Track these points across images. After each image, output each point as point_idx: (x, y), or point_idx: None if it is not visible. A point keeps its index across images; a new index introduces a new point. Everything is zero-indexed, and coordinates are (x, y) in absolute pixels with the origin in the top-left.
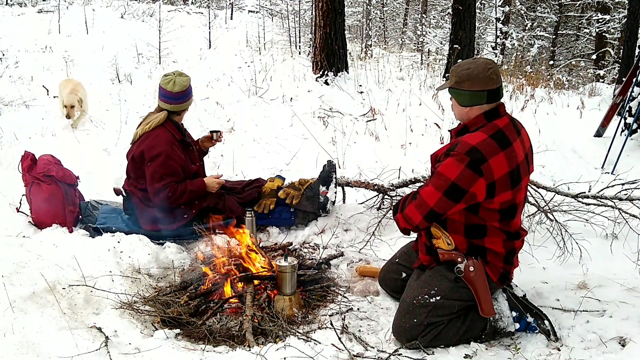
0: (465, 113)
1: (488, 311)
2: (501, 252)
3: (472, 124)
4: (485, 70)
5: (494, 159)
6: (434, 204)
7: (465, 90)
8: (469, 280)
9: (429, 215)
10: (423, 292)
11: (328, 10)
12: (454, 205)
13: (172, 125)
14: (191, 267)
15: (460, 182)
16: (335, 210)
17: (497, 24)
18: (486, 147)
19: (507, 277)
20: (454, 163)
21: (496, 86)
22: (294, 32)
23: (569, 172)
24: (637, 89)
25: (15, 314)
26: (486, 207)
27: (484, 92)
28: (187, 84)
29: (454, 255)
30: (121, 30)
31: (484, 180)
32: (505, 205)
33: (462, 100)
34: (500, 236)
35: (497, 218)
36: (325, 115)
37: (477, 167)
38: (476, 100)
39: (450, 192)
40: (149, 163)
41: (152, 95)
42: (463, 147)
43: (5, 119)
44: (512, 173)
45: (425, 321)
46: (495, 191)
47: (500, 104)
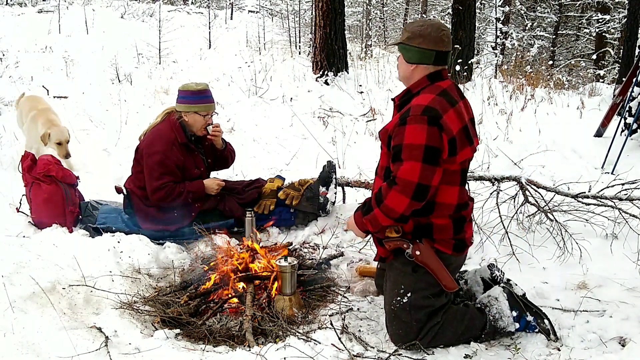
0: (410, 71)
1: (450, 285)
2: (447, 224)
3: (415, 86)
4: (438, 31)
5: (447, 115)
6: (419, 177)
7: (414, 47)
8: (422, 263)
9: (416, 192)
10: (394, 295)
11: (328, 10)
12: (435, 170)
13: (179, 127)
14: (191, 267)
15: (431, 143)
16: (335, 210)
17: (497, 24)
18: (437, 104)
19: (463, 246)
20: (416, 127)
21: (446, 49)
22: (294, 32)
23: (569, 172)
24: (637, 89)
25: (15, 314)
26: (448, 170)
27: (432, 52)
28: (207, 87)
29: (399, 242)
30: (121, 30)
31: (445, 136)
32: (465, 165)
33: (410, 56)
34: (448, 210)
35: (458, 182)
36: (325, 115)
37: (437, 122)
38: (424, 59)
39: (428, 156)
40: (147, 159)
41: (152, 95)
42: (417, 110)
43: (5, 119)
44: (465, 129)
45: (412, 320)
46: (456, 147)
47: (444, 69)
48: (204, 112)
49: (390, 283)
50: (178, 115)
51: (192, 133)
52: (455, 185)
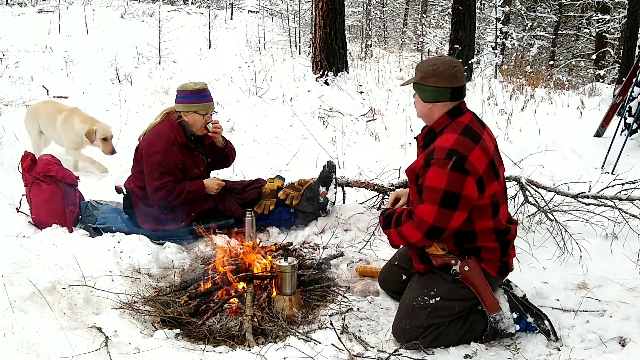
0: (427, 110)
1: (493, 307)
2: (495, 247)
3: (437, 124)
4: (451, 68)
5: (472, 155)
6: (433, 219)
7: (429, 86)
8: (466, 280)
9: (429, 232)
10: (423, 294)
11: (328, 10)
12: (453, 214)
13: (178, 127)
14: (191, 267)
15: (451, 188)
16: (335, 210)
17: (497, 24)
18: (461, 146)
19: (507, 269)
20: (438, 171)
21: (460, 84)
22: (294, 32)
23: (569, 172)
24: (637, 89)
25: (15, 314)
26: (478, 206)
27: (447, 89)
28: (206, 86)
29: (447, 258)
30: (121, 30)
31: (472, 179)
32: (494, 197)
33: (425, 96)
34: (491, 237)
35: (490, 215)
36: (325, 115)
37: (462, 167)
38: (440, 97)
39: (446, 201)
40: (147, 159)
41: (152, 95)
42: (441, 153)
43: (5, 119)
44: (492, 163)
45: (425, 323)
46: (484, 185)
47: (462, 102)
48: (203, 112)
49: (420, 282)
50: (177, 115)
51: (191, 133)
52: (488, 218)
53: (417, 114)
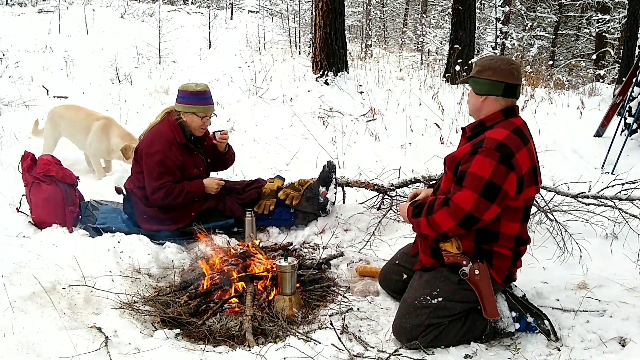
0: (480, 103)
1: (492, 313)
2: (508, 255)
3: (490, 119)
4: (508, 64)
5: (520, 154)
6: (471, 207)
7: (484, 79)
8: (473, 283)
9: (464, 220)
10: (425, 293)
11: (328, 10)
12: (490, 206)
13: (178, 127)
14: (191, 267)
15: (495, 179)
16: (335, 210)
17: (497, 24)
18: (512, 142)
19: (511, 279)
20: (486, 160)
21: (515, 82)
22: (294, 32)
23: (569, 172)
24: (637, 89)
25: (15, 314)
26: (511, 207)
27: (502, 84)
28: (209, 88)
29: (460, 258)
30: (121, 30)
31: (514, 175)
32: (529, 202)
33: (479, 88)
34: (510, 244)
35: (520, 219)
36: (325, 115)
37: (509, 162)
38: (493, 90)
39: (487, 191)
40: (147, 159)
41: (152, 95)
42: (491, 143)
43: (5, 119)
44: (534, 168)
45: (426, 322)
46: (523, 186)
47: (516, 106)
48: (202, 114)
49: (423, 282)
50: (177, 115)
51: (190, 133)
52: (516, 221)
53: (469, 110)
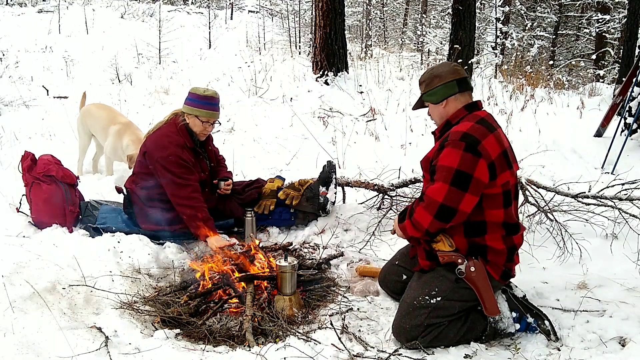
0: (443, 109)
1: (492, 310)
2: (502, 250)
3: (455, 116)
4: (448, 65)
5: (486, 140)
6: (443, 197)
7: (436, 87)
8: (470, 281)
9: (440, 212)
10: (423, 293)
11: (328, 10)
12: (463, 195)
13: (185, 131)
14: (191, 267)
15: (463, 168)
16: (335, 210)
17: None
18: (476, 131)
19: (509, 275)
20: (452, 151)
21: (463, 75)
22: (294, 32)
23: (569, 172)
24: (637, 89)
25: (15, 314)
26: (490, 194)
27: (453, 82)
28: (218, 96)
29: (454, 256)
30: (121, 30)
31: (484, 161)
32: (507, 187)
33: (436, 97)
34: (500, 231)
35: (501, 204)
36: (325, 115)
37: (475, 149)
38: (449, 91)
39: (457, 180)
40: (163, 162)
41: (152, 95)
42: (455, 136)
43: (5, 119)
44: (505, 153)
45: (425, 322)
46: (496, 170)
47: (478, 100)
48: (204, 118)
49: (421, 282)
50: (182, 118)
51: (197, 137)
52: (499, 207)
53: (436, 122)
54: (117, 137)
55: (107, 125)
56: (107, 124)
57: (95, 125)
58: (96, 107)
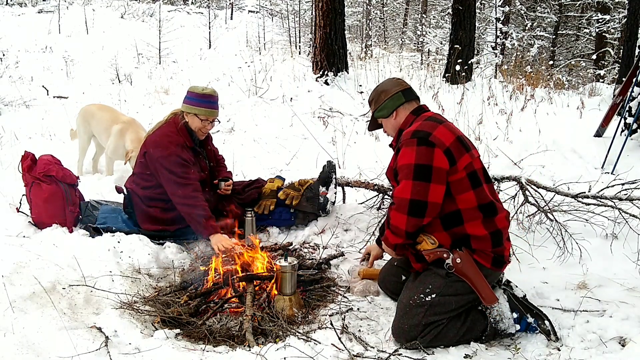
0: (394, 121)
1: (489, 298)
2: (485, 235)
3: (405, 123)
4: (391, 80)
5: (437, 131)
6: (410, 193)
7: (384, 102)
8: (460, 273)
9: (411, 208)
10: (418, 292)
11: (328, 10)
12: (428, 186)
13: (184, 131)
14: (191, 267)
15: (421, 161)
16: (335, 210)
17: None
18: (425, 126)
19: (502, 261)
20: (407, 149)
21: (407, 86)
22: (294, 32)
23: (569, 172)
24: (637, 89)
25: (15, 314)
26: (456, 180)
27: (399, 93)
28: (217, 94)
29: (439, 252)
30: (121, 30)
31: (439, 149)
32: (469, 169)
33: (386, 111)
34: (477, 216)
35: (469, 186)
36: (325, 115)
37: (427, 141)
38: (396, 102)
39: (418, 173)
40: (164, 162)
41: (152, 95)
42: (406, 136)
43: (5, 119)
44: (460, 139)
45: (423, 321)
46: (454, 156)
47: (424, 105)
48: (203, 117)
49: (416, 281)
50: (182, 116)
51: (196, 136)
52: (468, 190)
53: (392, 135)
54: (119, 136)
55: (110, 126)
56: (110, 124)
57: (98, 127)
58: (98, 108)
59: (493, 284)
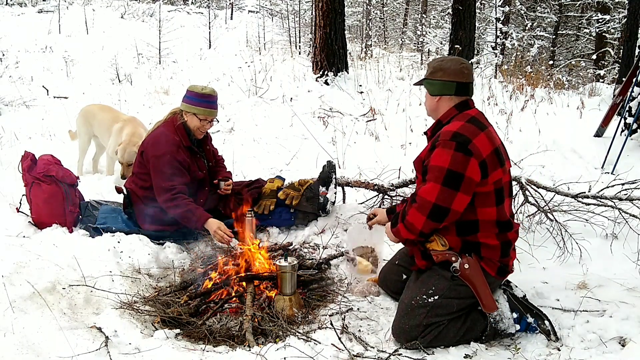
0: (435, 104)
1: (490, 306)
2: (496, 245)
3: (445, 116)
4: (458, 64)
5: (477, 139)
6: (436, 197)
7: (437, 80)
8: (465, 278)
9: (432, 212)
10: (421, 293)
11: (328, 10)
12: (455, 194)
13: (182, 130)
14: (191, 267)
15: (454, 167)
16: (335, 210)
17: (497, 24)
18: (467, 130)
19: (506, 270)
20: (443, 151)
21: (466, 80)
22: (294, 32)
23: (569, 172)
24: (637, 89)
25: (15, 314)
26: (482, 192)
27: (453, 83)
28: (216, 94)
29: (448, 255)
30: (121, 30)
31: (475, 160)
32: (497, 185)
33: (433, 89)
34: (493, 230)
35: (493, 202)
36: (325, 115)
37: (465, 148)
38: (446, 90)
39: (448, 180)
40: (156, 162)
41: (152, 95)
42: (446, 136)
43: (5, 119)
44: (497, 151)
45: (424, 322)
46: (487, 169)
47: (469, 99)
48: (201, 116)
49: (419, 281)
50: (181, 115)
51: (194, 136)
52: (491, 205)
53: (427, 110)
54: (119, 134)
55: (111, 126)
56: (112, 124)
57: (100, 127)
58: (99, 108)
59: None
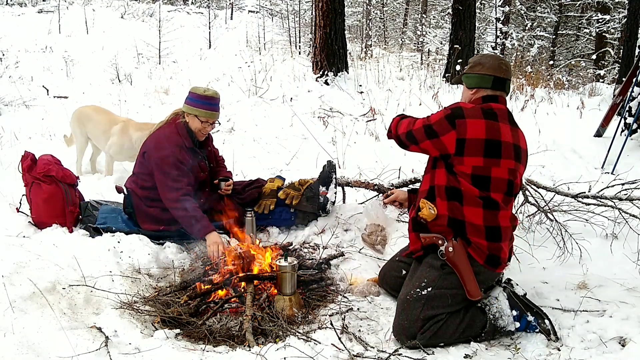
0: (470, 96)
1: (473, 293)
2: (480, 226)
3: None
4: (497, 60)
5: (472, 121)
6: (415, 130)
7: (474, 73)
8: (451, 262)
9: (408, 134)
10: (415, 287)
11: (328, 10)
12: (424, 141)
13: (184, 131)
14: (191, 267)
15: (435, 127)
16: (335, 210)
17: (497, 24)
18: (470, 111)
19: (497, 262)
20: (439, 112)
21: (504, 76)
22: (294, 32)
23: (569, 172)
24: (637, 89)
25: (15, 314)
26: (458, 169)
27: (490, 77)
28: (218, 96)
29: (435, 238)
30: (121, 30)
31: (455, 134)
32: (478, 172)
33: (470, 82)
34: (478, 204)
35: (469, 182)
36: (325, 115)
37: (453, 121)
38: (482, 83)
39: (427, 128)
40: (160, 162)
41: (152, 95)
42: (452, 104)
43: (5, 119)
44: (490, 143)
45: (421, 315)
46: (464, 149)
47: (501, 95)
48: (203, 118)
49: (412, 277)
50: (182, 116)
51: (196, 137)
52: (468, 182)
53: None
54: (122, 133)
55: (108, 129)
56: (109, 126)
57: (95, 129)
58: (94, 110)
59: (491, 284)
